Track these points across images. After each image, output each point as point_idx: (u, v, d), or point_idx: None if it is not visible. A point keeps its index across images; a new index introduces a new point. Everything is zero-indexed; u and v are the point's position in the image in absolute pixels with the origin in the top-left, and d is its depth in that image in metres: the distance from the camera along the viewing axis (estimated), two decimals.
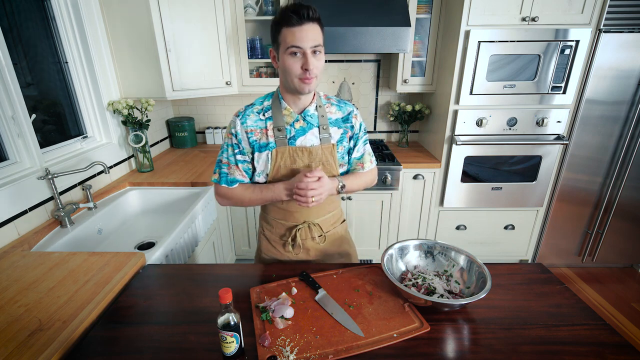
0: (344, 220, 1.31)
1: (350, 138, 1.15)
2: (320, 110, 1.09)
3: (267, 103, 1.09)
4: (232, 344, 0.74)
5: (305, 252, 1.21)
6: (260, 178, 1.12)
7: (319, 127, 1.09)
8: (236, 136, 1.07)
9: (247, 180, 1.12)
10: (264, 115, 1.07)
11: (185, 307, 0.94)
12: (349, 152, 1.18)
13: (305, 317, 0.89)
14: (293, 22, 0.92)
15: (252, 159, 1.10)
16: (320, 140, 1.09)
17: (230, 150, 1.09)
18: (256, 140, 1.07)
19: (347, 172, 1.21)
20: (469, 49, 1.98)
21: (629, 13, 1.95)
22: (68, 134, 1.77)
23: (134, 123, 1.94)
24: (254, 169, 1.12)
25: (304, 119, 1.08)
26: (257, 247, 1.30)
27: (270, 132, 1.06)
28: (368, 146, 1.21)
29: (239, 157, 1.09)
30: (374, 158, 1.24)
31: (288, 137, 1.07)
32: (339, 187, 1.10)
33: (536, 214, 2.41)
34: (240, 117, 1.07)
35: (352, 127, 1.14)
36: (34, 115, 1.49)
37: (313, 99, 1.09)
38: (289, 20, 0.92)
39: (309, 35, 0.92)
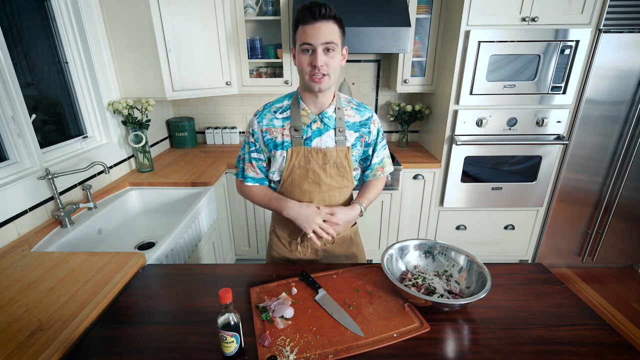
0: (355, 224, 1.31)
1: (368, 144, 1.15)
2: (338, 113, 1.09)
3: (286, 102, 1.10)
4: (232, 344, 0.74)
5: (314, 252, 1.22)
6: (274, 176, 1.13)
7: (335, 130, 1.09)
8: (253, 134, 1.10)
9: (260, 177, 1.15)
10: (281, 114, 1.08)
11: (185, 307, 0.94)
12: (368, 157, 1.19)
13: (305, 317, 0.89)
14: (306, 20, 0.93)
15: (269, 157, 1.11)
16: (336, 142, 1.09)
17: (247, 147, 1.13)
18: (272, 139, 1.08)
19: (363, 178, 1.25)
20: (469, 49, 1.98)
21: (629, 13, 1.95)
22: (68, 134, 1.77)
23: (134, 123, 1.94)
24: (269, 167, 1.13)
25: (322, 121, 1.08)
26: (268, 244, 1.32)
27: (286, 132, 1.07)
28: (387, 150, 1.22)
29: (254, 154, 1.12)
30: (390, 160, 1.25)
31: (304, 137, 1.07)
32: (362, 211, 1.14)
33: (536, 214, 2.41)
34: (258, 115, 1.10)
35: (370, 132, 1.14)
36: (34, 115, 1.49)
37: (332, 100, 1.08)
38: (303, 17, 0.94)
39: (321, 32, 0.93)
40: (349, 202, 1.23)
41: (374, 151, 1.18)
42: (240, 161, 1.16)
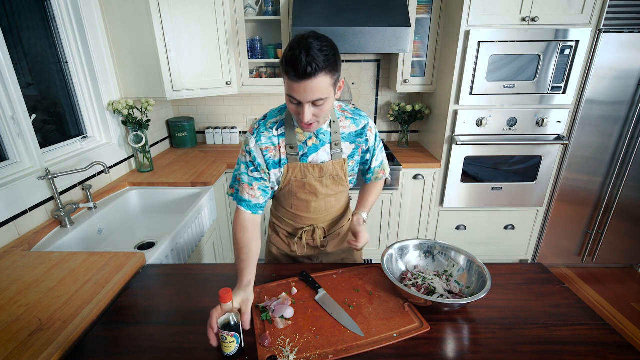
0: (349, 219, 1.32)
1: (365, 151, 1.14)
2: (333, 126, 1.06)
3: (280, 117, 1.05)
4: (232, 343, 0.74)
5: (310, 248, 1.25)
6: (273, 185, 1.12)
7: (331, 144, 1.06)
8: (250, 154, 1.04)
9: (255, 202, 1.06)
10: (277, 130, 1.04)
11: (185, 307, 0.94)
12: (367, 162, 1.18)
13: (305, 317, 0.89)
14: (291, 77, 0.84)
15: (269, 174, 1.08)
16: (332, 156, 1.07)
17: (243, 167, 1.07)
18: (271, 158, 1.05)
19: (365, 182, 1.25)
20: (469, 49, 1.98)
21: (629, 13, 1.95)
22: (68, 134, 1.77)
23: (134, 123, 1.94)
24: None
25: (317, 137, 1.05)
26: (267, 240, 1.32)
27: (282, 149, 1.04)
28: (384, 152, 1.21)
29: (255, 174, 1.06)
30: (387, 161, 1.24)
31: (300, 154, 1.05)
32: (365, 220, 1.13)
33: (536, 214, 2.41)
34: (255, 134, 1.04)
35: (367, 141, 1.11)
36: (34, 115, 1.49)
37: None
38: (287, 72, 0.84)
39: (308, 91, 0.84)
40: (345, 204, 1.26)
41: (372, 156, 1.16)
42: (236, 182, 1.11)
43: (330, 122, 1.06)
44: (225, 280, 1.06)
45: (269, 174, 1.07)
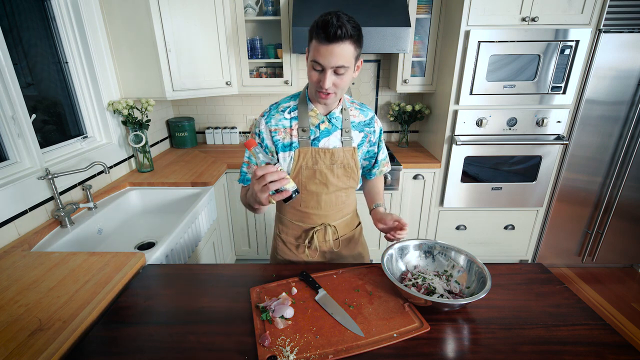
0: (359, 224, 1.32)
1: (373, 143, 1.18)
2: (344, 114, 1.09)
3: (293, 103, 1.09)
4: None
5: (321, 254, 1.22)
6: None
7: (341, 130, 1.09)
8: (259, 135, 1.08)
9: None
10: (289, 114, 1.07)
11: (185, 307, 0.94)
12: (373, 155, 1.22)
13: (305, 317, 0.89)
14: (320, 40, 0.89)
15: (277, 159, 1.10)
16: (342, 143, 1.09)
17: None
18: (280, 140, 1.07)
19: (369, 177, 1.29)
20: (469, 49, 1.98)
21: (629, 13, 1.96)
22: (68, 134, 1.77)
23: (134, 123, 1.94)
24: None
25: (329, 121, 1.07)
26: (272, 248, 1.31)
27: (294, 132, 1.07)
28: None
29: (260, 156, 1.08)
30: None
31: (312, 138, 1.07)
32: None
33: (536, 214, 2.41)
34: (266, 116, 1.08)
35: (374, 131, 1.17)
36: (34, 115, 1.49)
37: (340, 101, 1.09)
38: (317, 35, 0.89)
39: (334, 55, 0.89)
40: (355, 204, 1.27)
41: (379, 148, 1.22)
42: (244, 164, 1.14)
43: (341, 109, 1.09)
44: (225, 280, 1.06)
45: (277, 158, 1.09)
